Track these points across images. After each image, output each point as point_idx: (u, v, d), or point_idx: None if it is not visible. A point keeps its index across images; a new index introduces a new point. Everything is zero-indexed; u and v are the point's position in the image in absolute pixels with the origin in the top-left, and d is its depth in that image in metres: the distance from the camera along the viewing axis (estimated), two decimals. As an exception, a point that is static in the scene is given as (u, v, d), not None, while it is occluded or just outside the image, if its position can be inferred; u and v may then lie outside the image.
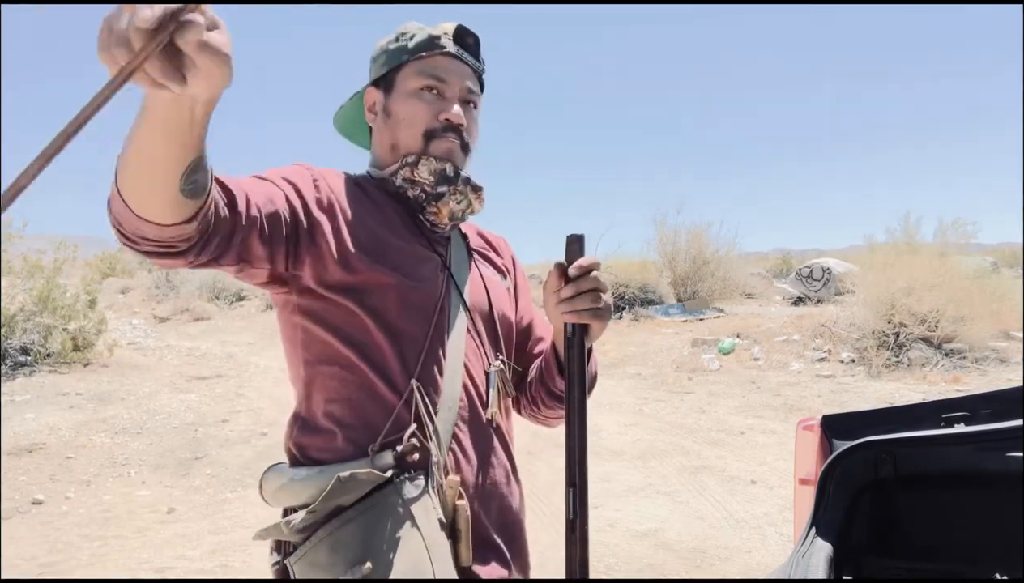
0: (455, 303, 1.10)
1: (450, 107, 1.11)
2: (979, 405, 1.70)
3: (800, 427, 1.85)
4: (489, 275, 1.21)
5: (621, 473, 5.05)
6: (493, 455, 1.10)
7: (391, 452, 0.98)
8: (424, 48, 1.12)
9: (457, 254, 1.17)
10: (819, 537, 1.44)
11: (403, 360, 1.03)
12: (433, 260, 1.11)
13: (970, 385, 7.45)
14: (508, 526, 1.12)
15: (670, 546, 3.78)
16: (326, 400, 1.04)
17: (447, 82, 1.12)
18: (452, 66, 1.13)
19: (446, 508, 0.98)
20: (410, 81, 1.12)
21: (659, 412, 6.96)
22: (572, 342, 0.99)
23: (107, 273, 23.67)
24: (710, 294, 15.30)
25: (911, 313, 8.68)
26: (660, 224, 16.06)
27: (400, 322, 1.04)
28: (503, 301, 1.21)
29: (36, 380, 7.87)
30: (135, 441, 5.86)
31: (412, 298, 1.05)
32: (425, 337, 1.05)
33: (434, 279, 1.09)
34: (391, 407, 1.01)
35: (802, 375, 8.52)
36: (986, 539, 1.62)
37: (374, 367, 1.02)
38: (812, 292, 15.72)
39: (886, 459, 1.60)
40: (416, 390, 1.01)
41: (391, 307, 1.04)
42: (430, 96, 1.11)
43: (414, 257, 1.08)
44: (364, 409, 1.02)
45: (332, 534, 0.93)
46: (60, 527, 4.09)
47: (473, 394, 1.09)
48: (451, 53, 1.12)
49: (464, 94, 1.14)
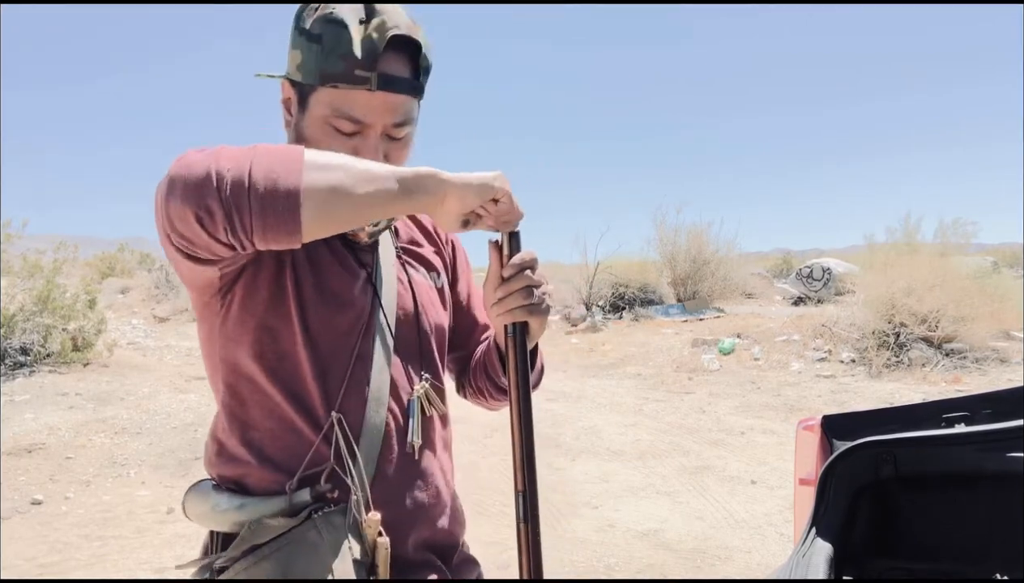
0: (380, 324, 1.04)
1: (369, 152, 0.96)
2: (979, 405, 1.70)
3: (800, 427, 1.85)
4: (419, 280, 1.13)
5: (621, 473, 5.05)
6: (420, 479, 1.06)
7: (308, 490, 0.95)
8: (340, 79, 0.93)
9: (385, 261, 1.09)
10: (819, 537, 1.44)
11: (324, 391, 0.98)
12: (358, 277, 1.04)
13: (970, 385, 7.45)
14: (439, 544, 1.09)
15: (670, 546, 3.78)
16: (244, 427, 1.00)
17: (366, 124, 0.96)
18: (375, 103, 0.95)
19: (365, 545, 0.94)
20: (322, 108, 0.96)
21: (659, 412, 6.95)
22: (514, 342, 0.97)
23: (107, 273, 23.66)
24: (710, 294, 15.31)
25: (911, 313, 8.67)
26: (660, 224, 16.08)
27: (322, 350, 0.99)
28: (433, 307, 1.14)
29: (36, 380, 7.87)
30: (135, 441, 5.85)
31: (336, 322, 1.00)
32: (348, 365, 0.99)
33: (360, 299, 1.03)
34: (309, 441, 0.97)
35: (802, 375, 8.52)
36: (986, 539, 1.61)
37: (293, 397, 0.98)
38: (812, 292, 15.72)
39: (886, 459, 1.60)
40: (336, 423, 0.97)
41: (314, 336, 0.98)
42: (344, 137, 0.96)
43: (339, 276, 1.02)
44: (283, 441, 0.98)
45: (248, 569, 0.92)
46: (59, 527, 4.09)
47: (400, 419, 1.04)
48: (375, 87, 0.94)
49: (387, 130, 0.98)
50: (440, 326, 1.15)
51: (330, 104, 0.95)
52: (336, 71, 0.93)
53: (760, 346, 9.84)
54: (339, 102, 0.95)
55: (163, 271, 18.53)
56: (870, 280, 9.91)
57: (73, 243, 10.36)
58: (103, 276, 22.14)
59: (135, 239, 33.10)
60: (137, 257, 26.53)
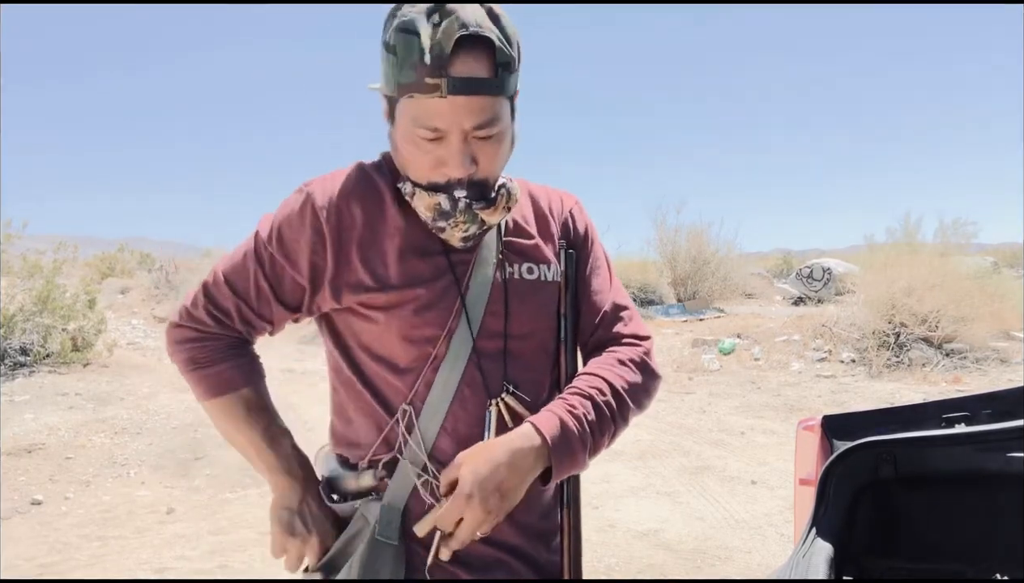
0: (461, 337, 1.03)
1: (454, 159, 0.96)
2: (980, 405, 1.70)
3: (800, 427, 1.85)
4: (517, 279, 1.08)
5: (621, 473, 5.04)
6: None
7: (372, 472, 1.06)
8: (413, 88, 0.93)
9: (484, 260, 1.06)
10: (819, 537, 1.43)
11: (383, 400, 1.06)
12: (447, 281, 1.04)
13: (971, 385, 7.44)
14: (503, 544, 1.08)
15: (670, 546, 3.78)
16: (346, 417, 1.13)
17: (447, 130, 0.95)
18: (449, 109, 0.93)
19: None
20: (405, 119, 0.97)
21: (659, 412, 6.95)
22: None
23: (107, 273, 23.63)
24: (710, 294, 15.31)
25: (911, 313, 8.67)
26: (660, 224, 16.08)
27: (393, 358, 1.05)
28: (530, 306, 1.08)
29: (35, 380, 7.87)
30: (135, 441, 5.85)
31: (413, 335, 1.03)
32: (415, 379, 1.04)
33: (446, 306, 1.03)
34: (376, 437, 1.06)
35: (802, 375, 8.52)
36: (987, 539, 1.61)
37: (375, 396, 1.07)
38: (812, 292, 15.72)
39: (887, 459, 1.59)
40: (394, 424, 1.04)
41: (388, 342, 1.04)
42: (429, 145, 0.96)
43: (426, 282, 1.03)
44: (360, 433, 1.10)
45: None
46: (59, 527, 4.09)
47: (461, 434, 1.03)
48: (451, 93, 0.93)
49: (472, 132, 0.96)
50: (540, 327, 1.10)
51: (410, 114, 0.95)
52: (409, 81, 0.93)
53: (760, 346, 9.84)
54: (416, 112, 0.95)
55: (163, 271, 18.53)
56: (870, 280, 9.91)
57: (73, 243, 10.37)
58: (103, 276, 22.12)
59: (135, 239, 33.08)
60: (137, 257, 26.49)
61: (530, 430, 0.98)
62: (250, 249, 1.07)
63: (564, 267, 1.11)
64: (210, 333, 1.10)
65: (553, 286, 1.11)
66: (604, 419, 1.03)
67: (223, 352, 1.10)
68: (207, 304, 1.09)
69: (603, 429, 1.03)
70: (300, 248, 1.03)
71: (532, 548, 1.09)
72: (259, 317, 1.09)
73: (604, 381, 1.05)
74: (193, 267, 17.98)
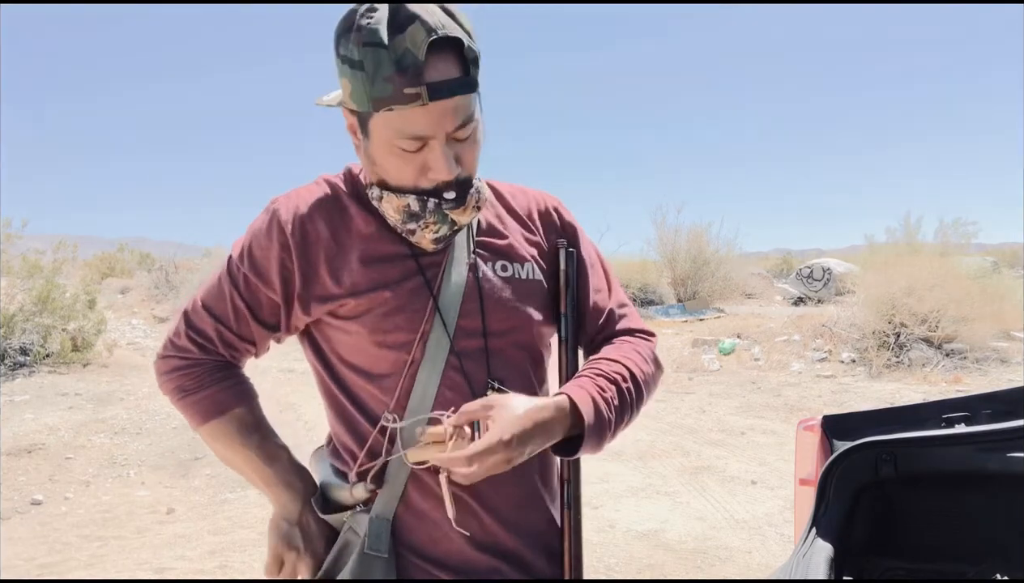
0: (436, 339, 1.02)
1: (439, 163, 0.95)
2: (980, 405, 1.70)
3: (800, 427, 1.85)
4: (492, 276, 1.07)
5: (621, 473, 5.04)
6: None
7: (363, 485, 1.05)
8: (391, 101, 0.91)
9: (456, 259, 1.06)
10: (819, 537, 1.43)
11: (377, 400, 1.04)
12: (417, 283, 1.03)
13: (971, 385, 7.44)
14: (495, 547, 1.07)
15: (670, 547, 3.78)
16: (331, 426, 1.14)
17: (430, 136, 0.94)
18: (432, 115, 0.92)
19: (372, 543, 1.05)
20: (384, 133, 0.95)
21: (659, 412, 6.95)
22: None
23: (106, 273, 23.63)
24: (710, 294, 15.31)
25: (912, 313, 8.67)
26: (660, 224, 16.08)
27: (370, 366, 1.04)
28: (507, 303, 1.07)
29: (35, 380, 7.87)
30: (134, 441, 5.85)
31: (386, 340, 1.02)
32: (395, 386, 1.02)
33: (417, 309, 1.02)
34: (362, 445, 1.06)
35: (802, 375, 8.52)
36: (987, 539, 1.61)
37: (355, 405, 1.07)
38: (812, 292, 15.72)
39: (887, 459, 1.59)
40: (378, 432, 1.03)
41: (363, 350, 1.04)
42: (411, 154, 0.96)
43: (393, 284, 1.02)
44: (348, 444, 1.09)
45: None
46: (59, 527, 4.09)
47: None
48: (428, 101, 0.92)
49: (451, 135, 0.95)
50: (518, 324, 1.08)
51: (390, 127, 0.94)
52: (385, 94, 0.91)
53: (760, 346, 9.84)
54: (398, 124, 0.93)
55: (163, 271, 18.54)
56: (870, 280, 9.91)
57: (73, 243, 10.38)
58: (103, 276, 22.12)
59: (135, 239, 33.06)
60: (137, 257, 26.49)
61: (565, 404, 0.97)
62: (224, 272, 1.08)
63: (565, 266, 1.11)
64: (195, 360, 1.10)
65: (531, 284, 1.10)
66: (625, 406, 1.04)
67: (210, 376, 1.10)
68: (188, 331, 1.09)
69: (623, 416, 1.03)
70: (270, 265, 1.04)
71: (530, 555, 1.08)
72: (240, 339, 1.09)
73: (626, 369, 1.06)
74: (193, 267, 18.01)
